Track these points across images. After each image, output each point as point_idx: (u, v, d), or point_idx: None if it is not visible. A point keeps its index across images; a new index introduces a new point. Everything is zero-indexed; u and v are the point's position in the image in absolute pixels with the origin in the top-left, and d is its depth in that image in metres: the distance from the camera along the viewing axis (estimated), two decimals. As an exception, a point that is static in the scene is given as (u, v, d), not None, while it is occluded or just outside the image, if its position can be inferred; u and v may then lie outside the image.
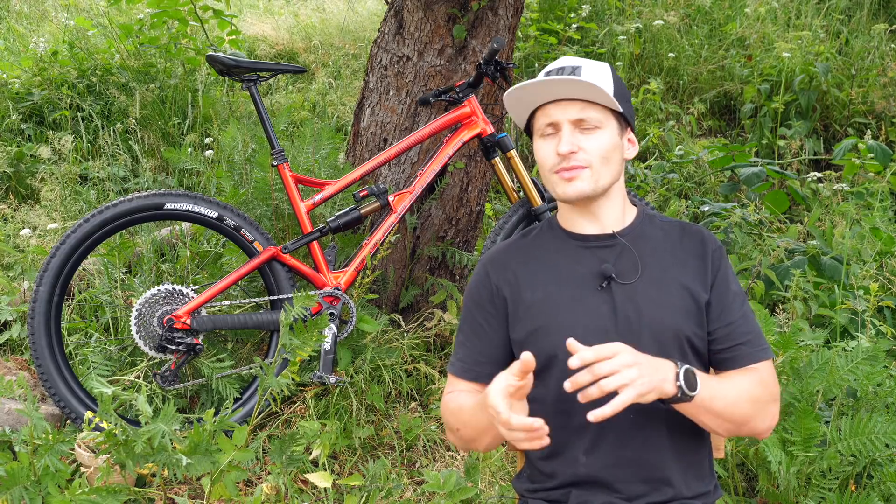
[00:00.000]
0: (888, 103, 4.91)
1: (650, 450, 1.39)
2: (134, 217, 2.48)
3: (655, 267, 1.45)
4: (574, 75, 1.43)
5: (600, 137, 1.44)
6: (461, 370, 1.50)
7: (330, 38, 6.13)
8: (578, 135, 1.44)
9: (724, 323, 1.42)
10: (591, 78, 1.42)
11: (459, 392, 1.48)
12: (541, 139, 1.48)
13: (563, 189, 1.44)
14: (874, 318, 2.65)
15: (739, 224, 3.39)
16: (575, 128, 1.44)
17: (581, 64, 1.46)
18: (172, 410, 1.82)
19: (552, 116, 1.45)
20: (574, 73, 1.44)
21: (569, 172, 1.43)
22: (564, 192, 1.45)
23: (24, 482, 1.77)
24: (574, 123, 1.43)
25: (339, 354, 2.58)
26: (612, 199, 1.49)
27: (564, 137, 1.43)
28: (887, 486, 1.96)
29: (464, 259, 3.03)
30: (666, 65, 5.23)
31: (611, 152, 1.45)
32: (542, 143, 1.48)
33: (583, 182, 1.43)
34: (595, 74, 1.45)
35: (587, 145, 1.43)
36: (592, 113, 1.43)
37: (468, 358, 1.50)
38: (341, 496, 2.28)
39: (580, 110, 1.43)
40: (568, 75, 1.43)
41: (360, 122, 3.07)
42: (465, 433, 1.44)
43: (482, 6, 2.88)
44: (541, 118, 1.48)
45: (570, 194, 1.44)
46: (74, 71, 4.63)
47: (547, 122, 1.46)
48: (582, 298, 1.43)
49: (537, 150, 1.50)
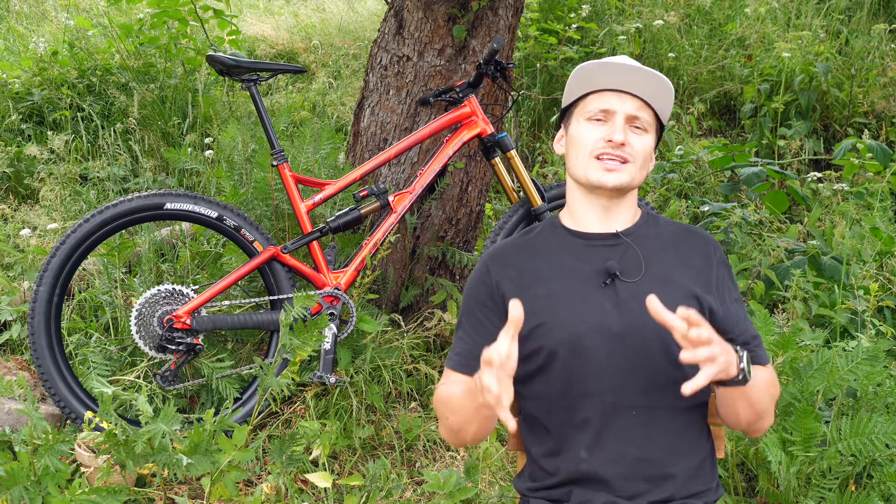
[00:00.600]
0: (888, 103, 4.91)
1: (652, 447, 1.39)
2: (134, 217, 2.48)
3: (659, 267, 1.46)
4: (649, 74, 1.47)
5: (646, 139, 1.48)
6: (458, 364, 1.49)
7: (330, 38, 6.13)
8: (629, 130, 1.47)
9: (730, 326, 1.44)
10: (663, 78, 1.47)
11: (450, 383, 1.48)
12: (587, 121, 1.50)
13: (601, 176, 1.46)
14: (874, 318, 2.65)
15: (739, 224, 3.39)
16: (627, 123, 1.47)
17: (655, 71, 1.51)
18: (172, 410, 1.82)
19: (610, 104, 1.48)
20: (647, 72, 1.47)
21: (612, 162, 1.46)
22: (601, 178, 1.46)
23: (24, 482, 1.77)
24: (628, 119, 1.47)
25: (339, 354, 2.58)
26: (628, 200, 1.52)
27: (619, 127, 1.46)
28: (887, 486, 1.96)
29: (464, 259, 3.03)
30: (666, 65, 5.23)
31: (649, 156, 1.50)
32: (589, 126, 1.49)
33: (622, 174, 1.46)
34: (663, 85, 1.49)
35: (635, 142, 1.47)
36: (646, 115, 1.48)
37: (465, 353, 1.49)
38: (341, 496, 2.28)
39: (638, 108, 1.47)
40: (644, 72, 1.47)
41: (360, 122, 3.07)
42: (453, 421, 1.44)
43: (482, 6, 2.88)
44: (595, 101, 1.49)
45: (606, 182, 1.46)
46: (74, 71, 4.63)
47: (601, 108, 1.48)
48: (585, 295, 1.43)
49: (579, 132, 1.50)
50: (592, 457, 1.40)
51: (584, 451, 1.40)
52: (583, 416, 1.40)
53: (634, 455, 1.39)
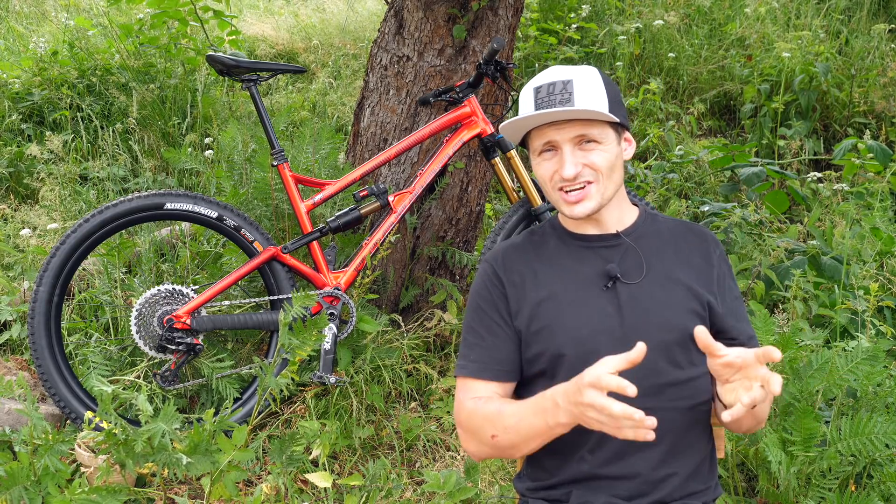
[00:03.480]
0: (888, 103, 4.91)
1: (653, 448, 1.39)
2: (134, 217, 2.48)
3: (659, 266, 1.46)
4: (566, 102, 1.39)
5: (601, 152, 1.43)
6: (479, 370, 1.45)
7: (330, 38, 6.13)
8: (579, 152, 1.42)
9: (736, 329, 1.45)
10: (584, 99, 1.39)
11: (488, 398, 1.43)
12: (539, 158, 1.47)
13: (570, 210, 1.45)
14: (874, 318, 2.64)
15: (739, 224, 3.39)
16: (575, 146, 1.42)
17: (571, 77, 1.42)
18: (172, 410, 1.82)
19: (550, 137, 1.43)
20: (565, 94, 1.40)
21: (575, 194, 1.43)
22: (572, 212, 1.45)
23: (24, 482, 1.77)
24: (575, 142, 1.42)
25: (339, 354, 2.58)
26: (615, 200, 1.50)
27: (567, 159, 1.41)
28: (887, 486, 1.96)
29: (464, 259, 3.03)
30: (666, 65, 5.23)
31: (613, 163, 1.44)
32: (542, 162, 1.46)
33: (590, 200, 1.43)
34: (587, 91, 1.41)
35: (590, 159, 1.42)
36: (591, 130, 1.42)
37: (486, 357, 1.46)
38: (341, 496, 2.28)
39: (580, 128, 1.41)
40: (560, 102, 1.39)
41: (360, 122, 3.07)
42: (504, 439, 1.37)
43: (482, 6, 2.88)
44: (537, 139, 1.45)
45: (577, 214, 1.44)
46: (74, 71, 4.63)
47: (545, 142, 1.44)
48: (587, 299, 1.43)
49: (537, 168, 1.47)
50: (595, 458, 1.40)
51: (587, 453, 1.40)
52: None
53: (635, 455, 1.39)
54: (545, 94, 1.42)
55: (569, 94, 1.40)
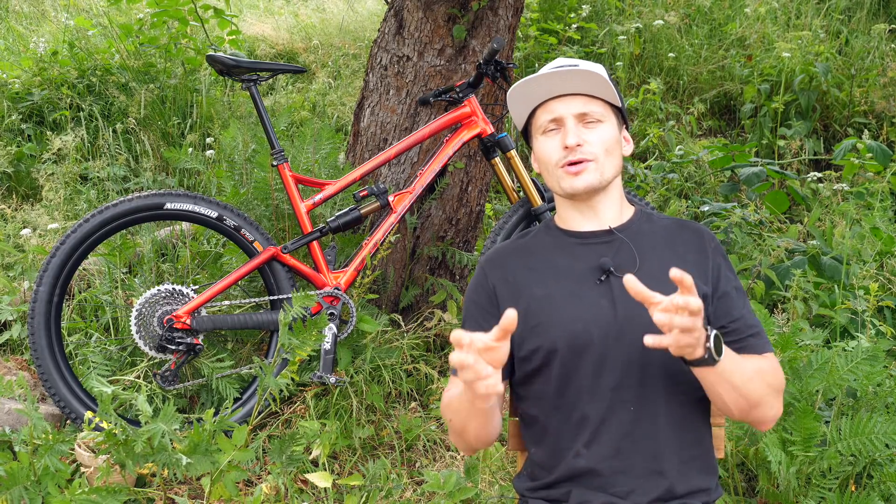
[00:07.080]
0: (888, 103, 4.91)
1: (648, 441, 1.39)
2: (134, 217, 2.48)
3: (654, 261, 1.46)
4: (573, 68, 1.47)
5: (603, 130, 1.48)
6: None
7: (330, 38, 6.13)
8: (582, 128, 1.48)
9: (733, 318, 1.44)
10: (590, 69, 1.47)
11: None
12: (543, 136, 1.51)
13: (571, 183, 1.47)
14: (874, 318, 2.65)
15: (739, 224, 3.40)
16: (578, 122, 1.48)
17: (578, 62, 1.50)
18: (172, 410, 1.82)
19: (555, 112, 1.48)
20: (572, 65, 1.48)
21: (575, 167, 1.46)
22: (572, 185, 1.47)
23: (24, 482, 1.77)
24: (578, 118, 1.48)
25: (339, 354, 2.58)
26: (612, 195, 1.52)
27: (570, 130, 1.46)
28: (887, 486, 1.96)
29: (464, 259, 3.03)
30: (666, 65, 5.23)
31: (613, 145, 1.49)
32: (545, 140, 1.50)
33: (590, 174, 1.46)
34: (593, 68, 1.49)
35: (591, 138, 1.47)
36: (595, 107, 1.48)
37: None
38: (341, 496, 2.28)
39: (583, 104, 1.48)
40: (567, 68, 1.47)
41: (360, 122, 3.07)
42: (455, 423, 1.44)
43: (482, 6, 2.88)
44: (542, 115, 1.51)
45: (577, 187, 1.46)
46: (74, 71, 4.63)
47: (550, 118, 1.49)
48: (581, 293, 1.44)
49: (540, 148, 1.52)
50: (590, 453, 1.40)
51: (582, 448, 1.41)
52: (581, 412, 1.41)
53: (632, 450, 1.39)
54: (552, 67, 1.50)
55: (575, 65, 1.49)
